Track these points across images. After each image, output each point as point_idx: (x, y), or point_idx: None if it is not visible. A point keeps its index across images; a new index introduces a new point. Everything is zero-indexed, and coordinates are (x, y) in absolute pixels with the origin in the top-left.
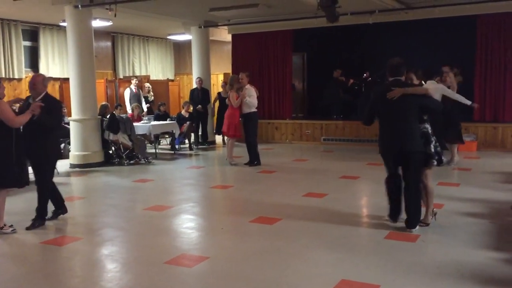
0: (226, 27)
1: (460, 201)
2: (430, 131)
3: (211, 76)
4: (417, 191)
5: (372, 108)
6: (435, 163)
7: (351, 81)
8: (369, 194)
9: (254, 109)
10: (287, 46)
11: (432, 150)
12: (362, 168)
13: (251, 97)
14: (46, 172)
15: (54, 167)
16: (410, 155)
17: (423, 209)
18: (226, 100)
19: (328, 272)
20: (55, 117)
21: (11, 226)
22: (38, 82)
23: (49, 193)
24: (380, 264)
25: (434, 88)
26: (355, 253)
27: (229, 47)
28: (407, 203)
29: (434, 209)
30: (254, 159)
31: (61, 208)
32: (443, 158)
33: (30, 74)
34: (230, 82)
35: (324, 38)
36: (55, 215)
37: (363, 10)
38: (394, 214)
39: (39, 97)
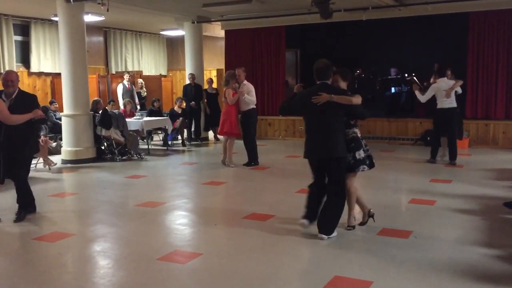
0: (219, 23)
1: (452, 197)
2: (359, 135)
3: (204, 72)
4: (337, 197)
5: (293, 106)
6: (366, 168)
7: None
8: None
9: (253, 106)
10: (280, 42)
11: (362, 155)
12: None
13: (249, 94)
14: (27, 166)
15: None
16: (332, 161)
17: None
18: (223, 97)
19: (321, 269)
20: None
21: None
22: (16, 78)
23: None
24: (373, 260)
25: (440, 86)
26: (348, 250)
27: (222, 43)
28: (324, 207)
29: (371, 210)
30: (252, 160)
31: (30, 206)
32: (374, 161)
33: (22, 69)
34: (226, 78)
35: (317, 35)
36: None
37: (356, 7)
38: (309, 217)
39: (15, 94)
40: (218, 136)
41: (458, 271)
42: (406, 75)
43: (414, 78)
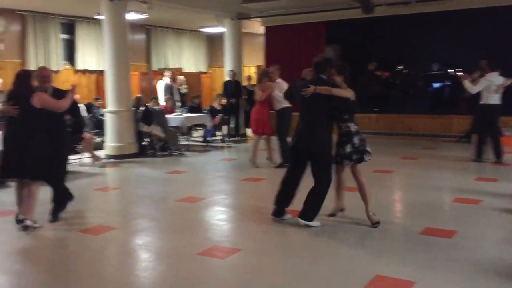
0: (259, 19)
1: (498, 197)
2: (354, 130)
3: (244, 68)
4: (319, 187)
5: (293, 94)
6: (349, 163)
7: (386, 74)
8: (402, 189)
9: (286, 104)
10: (320, 38)
11: (348, 150)
12: (396, 162)
13: (282, 91)
14: (64, 166)
15: None
16: (315, 154)
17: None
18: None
19: (362, 267)
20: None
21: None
22: (50, 74)
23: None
24: (415, 260)
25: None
26: (389, 249)
27: (262, 39)
28: (308, 194)
29: (343, 206)
30: (286, 161)
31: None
32: (365, 156)
33: (68, 67)
34: (260, 76)
35: (358, 30)
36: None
37: (399, 1)
38: (276, 203)
39: (50, 90)
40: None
41: (503, 273)
42: (451, 70)
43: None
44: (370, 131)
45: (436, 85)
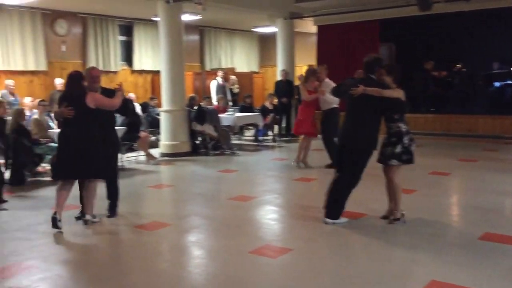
0: (311, 19)
1: None
2: (404, 130)
3: (296, 68)
4: (343, 184)
5: (341, 92)
6: (396, 162)
7: (444, 73)
8: (461, 192)
9: (335, 105)
10: (374, 37)
11: (398, 150)
12: (454, 164)
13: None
14: (114, 164)
15: None
16: (349, 150)
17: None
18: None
19: (417, 272)
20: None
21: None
22: (99, 75)
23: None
24: (474, 266)
25: None
26: (446, 253)
27: (314, 38)
28: (328, 193)
29: (403, 211)
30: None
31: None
32: (413, 158)
33: (125, 68)
34: (306, 75)
35: (414, 28)
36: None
37: None
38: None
39: (100, 90)
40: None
41: None
42: None
43: None
44: (425, 132)
45: (497, 84)
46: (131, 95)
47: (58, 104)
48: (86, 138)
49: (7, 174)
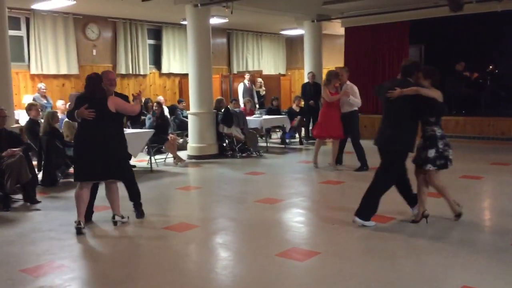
0: (339, 20)
1: None
2: (439, 134)
3: (323, 70)
4: (377, 186)
5: (381, 90)
6: (432, 167)
7: (476, 74)
8: (493, 196)
9: (355, 108)
10: (404, 38)
11: (432, 155)
12: (486, 168)
13: (354, 95)
14: (127, 165)
15: None
16: (385, 151)
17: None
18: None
19: (448, 277)
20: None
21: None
22: (115, 78)
23: None
24: (507, 272)
25: None
26: (478, 259)
27: (342, 40)
28: (365, 193)
29: (426, 211)
30: (364, 164)
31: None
32: (448, 163)
33: (154, 71)
34: (328, 78)
35: (444, 29)
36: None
37: None
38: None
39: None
40: (316, 138)
41: None
42: None
43: None
44: (457, 134)
45: None
46: (160, 98)
47: (75, 104)
48: (105, 141)
49: (40, 175)
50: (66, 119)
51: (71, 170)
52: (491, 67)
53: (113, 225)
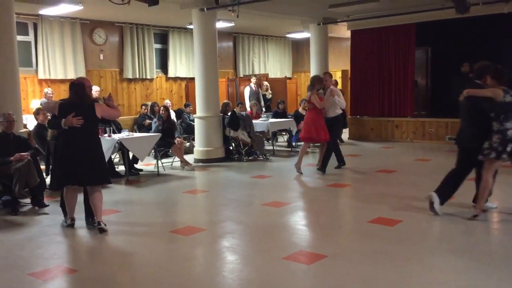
0: (345, 23)
1: None
2: (496, 129)
3: None
4: (451, 176)
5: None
6: (481, 157)
7: None
8: (503, 199)
9: (339, 111)
10: (410, 41)
11: (485, 145)
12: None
13: (339, 97)
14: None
15: None
16: (462, 148)
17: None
18: (307, 103)
19: (456, 281)
20: None
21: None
22: (91, 85)
23: None
24: None
25: None
26: (486, 262)
27: (348, 43)
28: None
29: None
30: (341, 161)
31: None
32: (503, 155)
33: (160, 75)
34: (312, 82)
35: (451, 31)
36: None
37: None
38: (439, 196)
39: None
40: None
41: None
42: None
43: None
44: None
45: None
46: (167, 102)
47: (58, 111)
48: (93, 147)
49: (48, 180)
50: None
51: None
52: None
53: (100, 232)
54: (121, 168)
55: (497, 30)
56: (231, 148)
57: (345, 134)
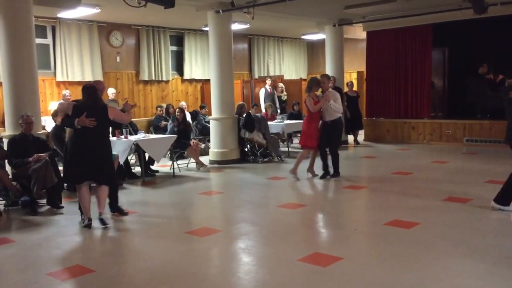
0: (360, 25)
1: None
2: None
3: (345, 74)
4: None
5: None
6: None
7: (500, 77)
8: None
9: (339, 115)
10: (426, 41)
11: None
12: None
13: (336, 101)
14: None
15: None
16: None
17: None
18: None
19: (474, 285)
20: None
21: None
22: (104, 88)
23: None
24: None
25: None
26: (505, 266)
27: (364, 44)
28: (505, 182)
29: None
30: (337, 171)
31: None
32: None
33: (176, 77)
34: (309, 85)
35: (468, 32)
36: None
37: None
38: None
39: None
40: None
41: None
42: None
43: None
44: (481, 138)
45: None
46: (183, 104)
47: (72, 111)
48: (104, 148)
49: None
50: None
51: None
52: None
53: (100, 223)
54: (137, 169)
55: None
56: (246, 149)
57: (361, 135)
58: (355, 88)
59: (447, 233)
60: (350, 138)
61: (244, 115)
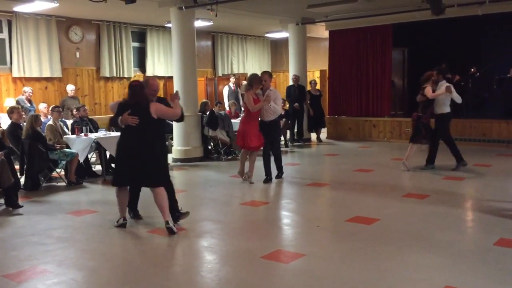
0: (323, 24)
1: None
2: None
3: (308, 73)
4: None
5: None
6: None
7: (457, 77)
8: (476, 197)
9: (277, 116)
10: (387, 41)
11: None
12: (468, 169)
13: (276, 102)
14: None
15: None
16: None
17: None
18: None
19: (431, 277)
20: None
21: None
22: (158, 85)
23: None
24: (490, 273)
25: None
26: (461, 259)
27: (326, 43)
28: None
29: None
30: (281, 171)
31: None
32: None
33: (138, 73)
34: (249, 82)
35: (426, 32)
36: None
37: (472, 1)
38: None
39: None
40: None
41: None
42: None
43: None
44: None
45: None
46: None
47: (117, 111)
48: (147, 148)
49: (22, 179)
50: (50, 122)
51: (54, 174)
52: (472, 69)
53: (168, 232)
54: (98, 167)
55: (473, 31)
56: (209, 147)
57: (323, 133)
58: (318, 86)
59: (406, 229)
60: (313, 136)
61: (207, 113)
